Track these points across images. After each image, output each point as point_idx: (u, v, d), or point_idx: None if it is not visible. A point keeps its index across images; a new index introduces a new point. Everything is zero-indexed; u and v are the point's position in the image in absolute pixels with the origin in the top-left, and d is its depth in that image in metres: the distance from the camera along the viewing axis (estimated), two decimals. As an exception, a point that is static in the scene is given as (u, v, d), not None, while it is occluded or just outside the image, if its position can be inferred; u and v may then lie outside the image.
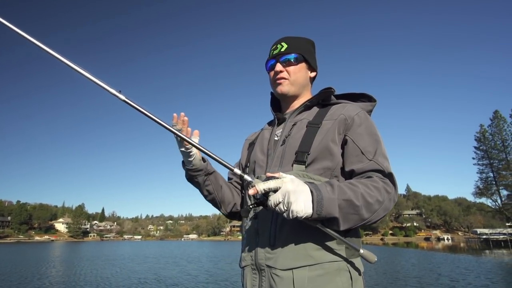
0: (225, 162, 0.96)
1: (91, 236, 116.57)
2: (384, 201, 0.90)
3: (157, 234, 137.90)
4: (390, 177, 0.95)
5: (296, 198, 0.81)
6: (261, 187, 0.83)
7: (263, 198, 0.86)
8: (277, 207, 0.83)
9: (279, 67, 1.17)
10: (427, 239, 77.46)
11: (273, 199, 0.82)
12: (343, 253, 0.95)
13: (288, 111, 1.22)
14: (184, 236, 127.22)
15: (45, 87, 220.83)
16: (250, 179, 0.91)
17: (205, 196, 1.24)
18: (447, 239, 72.42)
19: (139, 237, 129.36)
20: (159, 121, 0.98)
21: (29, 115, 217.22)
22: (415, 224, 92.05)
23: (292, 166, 1.02)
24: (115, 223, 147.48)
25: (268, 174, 0.87)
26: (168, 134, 1.03)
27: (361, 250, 0.92)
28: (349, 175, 1.01)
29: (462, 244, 50.98)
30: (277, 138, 1.15)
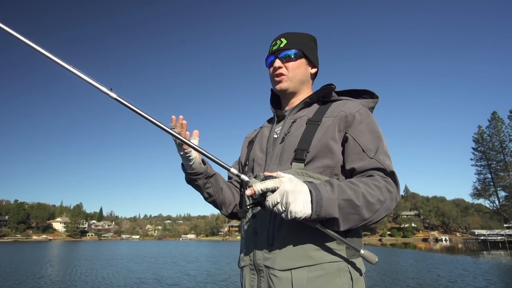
0: (222, 162, 0.93)
1: (89, 236, 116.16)
2: (386, 201, 0.88)
3: (155, 234, 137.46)
4: (392, 176, 0.93)
5: (295, 198, 0.79)
6: (259, 187, 0.81)
7: (261, 198, 0.84)
8: (275, 208, 0.81)
9: (278, 63, 1.15)
10: (425, 240, 77.53)
11: (271, 200, 0.80)
12: (344, 254, 0.92)
13: (288, 108, 1.20)
14: (182, 236, 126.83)
15: (45, 87, 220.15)
16: (247, 179, 0.88)
17: (206, 199, 1.22)
18: (445, 240, 72.44)
19: (137, 237, 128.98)
20: (157, 123, 0.92)
21: (27, 115, 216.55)
22: (413, 225, 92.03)
23: (291, 164, 1.00)
24: (113, 223, 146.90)
25: (266, 174, 0.85)
26: (167, 134, 0.97)
27: (362, 251, 0.89)
28: (350, 174, 0.99)
29: (460, 245, 51.09)
30: (276, 136, 1.13)
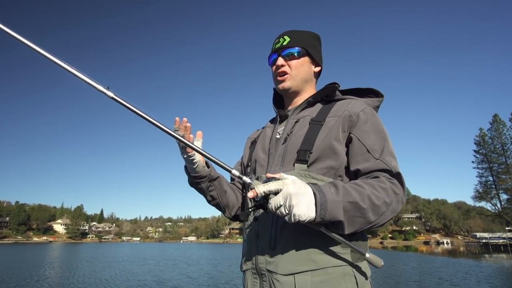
0: (225, 165, 0.89)
1: (90, 238, 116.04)
2: (392, 203, 0.86)
3: (156, 236, 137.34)
4: (398, 177, 0.90)
5: (298, 201, 0.76)
6: (261, 190, 0.78)
7: (263, 201, 0.81)
8: (278, 211, 0.78)
9: (281, 61, 1.13)
10: (427, 243, 77.22)
11: (274, 202, 0.78)
12: (348, 257, 0.90)
13: (291, 108, 1.17)
14: (183, 238, 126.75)
15: (46, 88, 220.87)
16: (249, 181, 0.85)
17: (209, 201, 1.18)
18: (447, 243, 72.19)
19: (138, 239, 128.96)
20: (159, 124, 0.88)
21: (28, 115, 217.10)
22: (415, 228, 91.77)
23: (294, 166, 0.98)
24: (114, 225, 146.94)
25: (269, 175, 0.83)
26: (167, 135, 0.92)
27: (367, 254, 0.87)
28: (354, 175, 0.96)
29: (462, 248, 50.85)
30: (279, 136, 1.10)
